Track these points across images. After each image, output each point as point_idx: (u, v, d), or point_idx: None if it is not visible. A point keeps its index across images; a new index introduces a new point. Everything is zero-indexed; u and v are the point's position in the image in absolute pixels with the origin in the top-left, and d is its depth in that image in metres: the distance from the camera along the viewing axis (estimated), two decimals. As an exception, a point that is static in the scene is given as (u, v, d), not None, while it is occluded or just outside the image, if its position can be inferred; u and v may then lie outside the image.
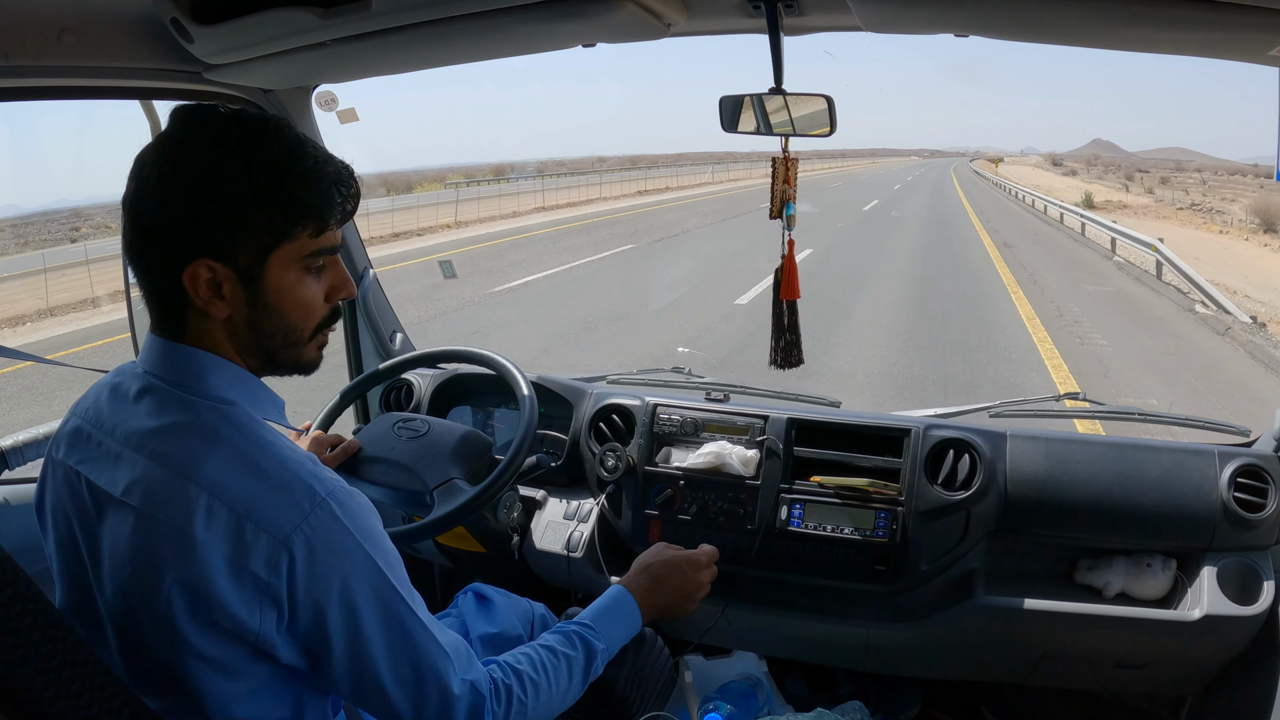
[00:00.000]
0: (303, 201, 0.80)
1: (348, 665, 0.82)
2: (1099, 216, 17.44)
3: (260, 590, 0.78)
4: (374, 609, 0.82)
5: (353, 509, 0.82)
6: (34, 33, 1.11)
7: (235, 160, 0.77)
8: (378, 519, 0.86)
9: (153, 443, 0.80)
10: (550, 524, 1.67)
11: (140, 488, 0.79)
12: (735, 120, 1.35)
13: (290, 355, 0.87)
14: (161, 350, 0.84)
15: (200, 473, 0.78)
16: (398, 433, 1.42)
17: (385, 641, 0.83)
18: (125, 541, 0.80)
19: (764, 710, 1.50)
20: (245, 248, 0.79)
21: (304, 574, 0.78)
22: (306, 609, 0.79)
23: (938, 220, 20.62)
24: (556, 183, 30.14)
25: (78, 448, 0.85)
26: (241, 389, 0.84)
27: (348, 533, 0.80)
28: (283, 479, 0.79)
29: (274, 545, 0.77)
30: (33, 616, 0.73)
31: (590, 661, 1.00)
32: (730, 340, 6.89)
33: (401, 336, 1.94)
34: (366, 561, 0.82)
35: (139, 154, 0.81)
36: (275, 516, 0.78)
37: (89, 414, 0.86)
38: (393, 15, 1.12)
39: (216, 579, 0.77)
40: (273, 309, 0.83)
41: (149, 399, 0.83)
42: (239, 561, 0.77)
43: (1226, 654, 1.44)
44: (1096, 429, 2.98)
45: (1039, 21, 1.05)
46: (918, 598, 1.53)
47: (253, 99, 1.55)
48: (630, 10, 1.08)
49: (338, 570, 0.80)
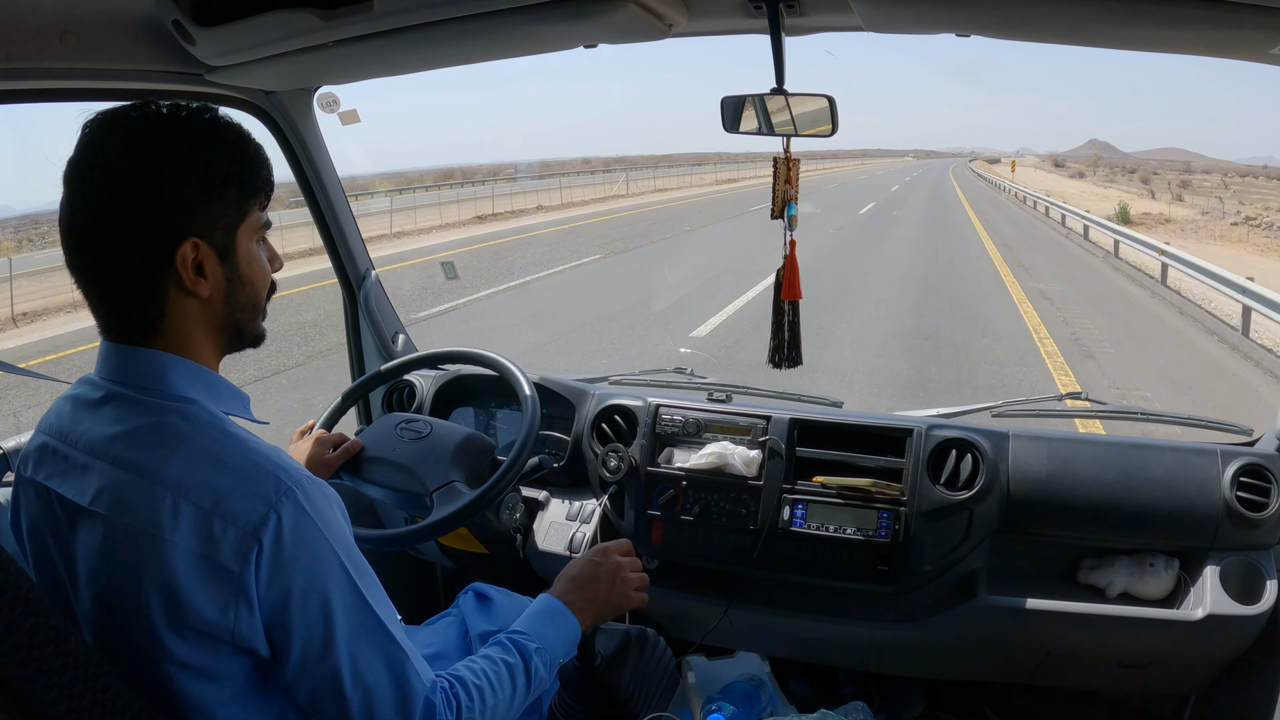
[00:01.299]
0: (256, 176, 0.87)
1: (303, 658, 0.81)
2: (1159, 242, 11.27)
3: (232, 585, 0.78)
4: (337, 603, 0.82)
5: (317, 498, 0.82)
6: (35, 35, 1.11)
7: (207, 146, 0.83)
8: (343, 511, 0.86)
9: (117, 449, 0.81)
10: (553, 525, 1.67)
11: (108, 495, 0.80)
12: (737, 120, 1.35)
13: (252, 327, 0.92)
14: (121, 356, 0.84)
15: (164, 473, 0.79)
16: (400, 434, 1.42)
17: (346, 635, 0.82)
18: (98, 551, 0.80)
19: (767, 711, 1.50)
20: (221, 224, 0.84)
21: (270, 563, 0.78)
22: (270, 598, 0.79)
23: (937, 224, 18.84)
24: (511, 188, 26.27)
25: (45, 464, 0.86)
26: (203, 386, 0.85)
27: (313, 523, 0.81)
28: (247, 471, 0.80)
29: (243, 536, 0.78)
30: (35, 619, 0.73)
31: (527, 662, 0.99)
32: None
33: (404, 338, 1.94)
34: (330, 554, 0.82)
35: (85, 165, 0.81)
36: (242, 508, 0.78)
37: (53, 429, 0.87)
38: (394, 17, 1.11)
39: (187, 580, 0.77)
40: (244, 280, 0.88)
41: (111, 406, 0.83)
42: (210, 557, 0.77)
43: (1230, 653, 1.44)
44: (1098, 429, 2.98)
45: (1041, 20, 1.05)
46: (920, 598, 1.53)
47: (254, 100, 1.55)
48: (632, 11, 1.07)
49: (303, 560, 0.80)
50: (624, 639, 1.25)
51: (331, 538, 0.82)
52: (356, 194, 22.53)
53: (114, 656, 0.82)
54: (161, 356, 0.84)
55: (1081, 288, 10.19)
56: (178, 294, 0.83)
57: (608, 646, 1.21)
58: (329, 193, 1.75)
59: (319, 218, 1.79)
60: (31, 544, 0.88)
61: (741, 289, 8.98)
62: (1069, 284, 10.39)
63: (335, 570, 0.82)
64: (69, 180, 0.82)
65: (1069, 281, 10.70)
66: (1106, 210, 21.93)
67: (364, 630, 0.83)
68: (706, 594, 1.61)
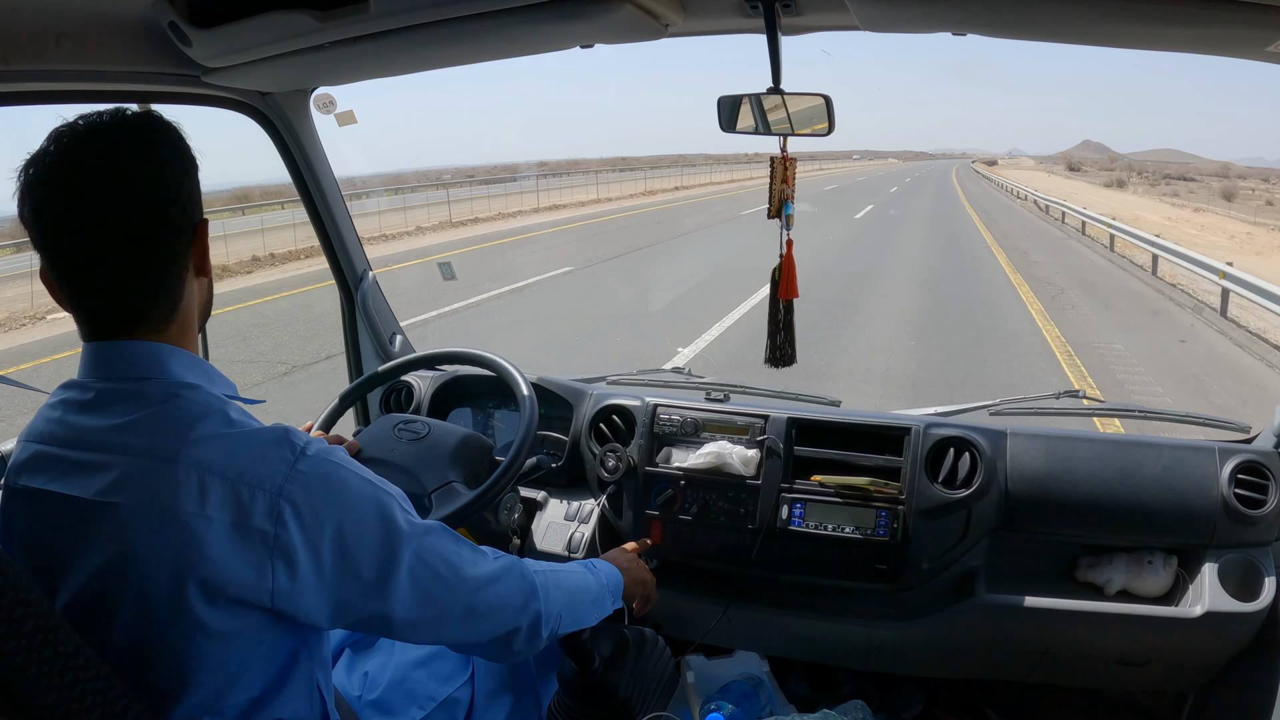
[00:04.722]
0: (196, 180, 0.91)
1: (379, 579, 0.86)
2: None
3: (268, 546, 0.80)
4: (391, 514, 0.87)
5: (329, 449, 0.86)
6: (32, 37, 1.11)
7: (183, 139, 0.88)
8: (359, 464, 0.90)
9: (127, 439, 0.81)
10: (551, 525, 1.67)
11: (127, 484, 0.80)
12: (733, 120, 1.35)
13: (208, 310, 0.96)
14: (112, 353, 0.85)
15: (185, 453, 0.80)
16: (398, 434, 1.42)
17: (412, 536, 0.88)
18: (117, 540, 0.80)
19: (766, 710, 1.50)
20: (197, 215, 0.89)
21: (308, 513, 0.82)
22: (320, 544, 0.82)
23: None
24: (470, 192, 22.55)
25: (42, 471, 0.85)
26: (199, 372, 0.87)
27: (334, 465, 0.85)
28: (261, 440, 0.83)
29: (271, 498, 0.80)
30: (35, 620, 0.73)
31: (594, 574, 1.13)
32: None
33: (401, 338, 1.94)
34: (361, 483, 0.87)
35: (96, 167, 0.82)
36: (266, 472, 0.81)
37: (44, 436, 0.86)
38: (390, 17, 1.12)
39: (220, 549, 0.79)
40: (207, 272, 0.92)
41: (111, 403, 0.84)
42: (242, 523, 0.79)
43: (1228, 650, 1.44)
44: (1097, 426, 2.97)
45: (1038, 19, 1.05)
46: (919, 596, 1.53)
47: (251, 102, 1.55)
48: (628, 11, 1.08)
49: (337, 498, 0.84)
50: (623, 639, 1.25)
51: (356, 471, 0.88)
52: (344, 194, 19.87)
53: (134, 644, 0.82)
54: (159, 347, 0.85)
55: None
56: (191, 278, 0.88)
57: (606, 647, 1.21)
58: (325, 194, 1.75)
59: (315, 219, 1.79)
60: (29, 554, 0.86)
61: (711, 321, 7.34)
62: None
63: (370, 495, 0.87)
64: (73, 188, 0.81)
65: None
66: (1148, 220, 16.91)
67: (423, 529, 0.90)
68: (705, 593, 1.61)
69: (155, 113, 0.87)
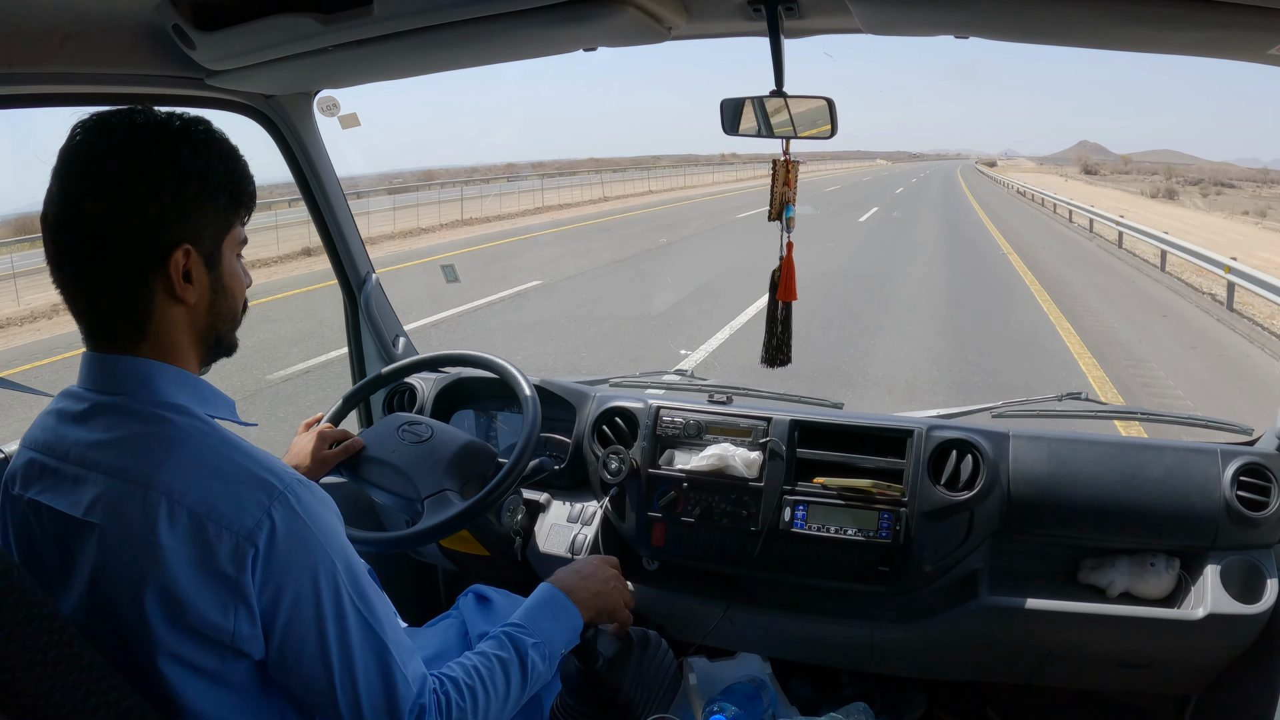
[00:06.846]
0: (244, 189, 0.89)
1: (297, 657, 0.82)
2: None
3: (231, 589, 0.79)
4: (329, 604, 0.82)
5: (309, 501, 0.83)
6: (35, 40, 1.12)
7: (204, 153, 0.84)
8: (336, 514, 0.87)
9: (109, 458, 0.81)
10: (554, 527, 1.67)
11: (102, 504, 0.80)
12: (736, 123, 1.36)
13: (230, 338, 0.93)
14: (105, 365, 0.85)
15: (159, 479, 0.79)
16: (401, 435, 1.42)
17: (337, 636, 0.83)
18: (96, 561, 0.80)
19: (768, 712, 1.49)
20: (210, 233, 0.85)
21: (265, 566, 0.79)
22: (265, 600, 0.80)
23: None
24: (420, 197, 19.92)
25: (35, 480, 0.85)
26: (191, 392, 0.86)
27: (306, 526, 0.82)
28: (239, 477, 0.81)
29: (238, 541, 0.79)
30: (39, 621, 0.73)
31: (523, 657, 0.98)
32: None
33: (404, 340, 1.94)
34: (324, 556, 0.83)
35: (80, 165, 0.81)
36: (236, 513, 0.79)
37: (39, 444, 0.87)
38: (394, 20, 1.12)
39: (186, 582, 0.78)
40: (226, 291, 0.89)
41: (98, 416, 0.83)
42: (206, 562, 0.78)
43: (1231, 653, 1.44)
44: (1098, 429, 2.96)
45: (1039, 22, 1.05)
46: (921, 598, 1.53)
47: (254, 105, 1.55)
48: (631, 14, 1.08)
49: (297, 562, 0.81)
50: (625, 640, 1.25)
51: (325, 539, 0.83)
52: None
53: (118, 665, 0.82)
54: (148, 364, 0.84)
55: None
56: (165, 300, 0.84)
57: (609, 648, 1.21)
58: (329, 196, 1.75)
59: (319, 221, 1.79)
60: (24, 561, 0.87)
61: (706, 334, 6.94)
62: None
63: (328, 572, 0.83)
64: (60, 179, 0.82)
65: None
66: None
67: (356, 632, 0.84)
68: (708, 595, 1.61)
69: (162, 113, 0.85)
